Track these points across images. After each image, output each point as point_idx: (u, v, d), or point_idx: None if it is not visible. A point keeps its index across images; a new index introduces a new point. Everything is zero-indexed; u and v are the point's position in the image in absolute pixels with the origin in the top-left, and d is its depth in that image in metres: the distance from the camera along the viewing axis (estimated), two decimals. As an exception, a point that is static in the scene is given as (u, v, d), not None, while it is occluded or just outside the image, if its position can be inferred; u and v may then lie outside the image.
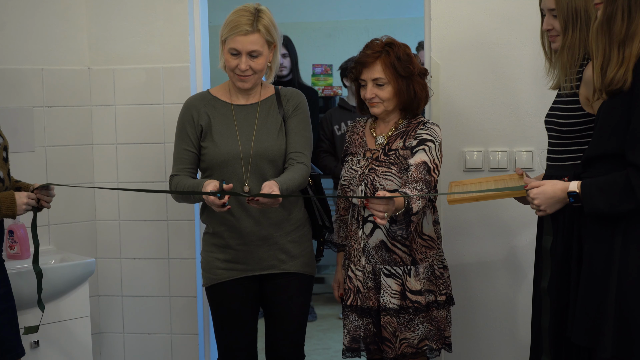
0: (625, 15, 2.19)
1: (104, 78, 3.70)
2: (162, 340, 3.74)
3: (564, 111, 2.61)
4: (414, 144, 2.88)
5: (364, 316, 2.92)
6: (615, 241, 2.24)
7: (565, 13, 2.54)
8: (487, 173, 3.38)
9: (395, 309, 2.86)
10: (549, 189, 2.36)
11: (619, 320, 2.22)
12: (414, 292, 2.88)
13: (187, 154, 2.92)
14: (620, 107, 2.21)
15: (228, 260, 2.92)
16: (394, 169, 2.87)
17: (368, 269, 2.91)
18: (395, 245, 2.89)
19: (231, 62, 2.86)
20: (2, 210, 2.67)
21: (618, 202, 2.20)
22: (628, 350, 2.22)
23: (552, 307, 2.56)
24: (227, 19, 2.87)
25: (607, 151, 2.26)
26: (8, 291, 2.83)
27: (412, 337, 2.88)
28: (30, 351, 3.16)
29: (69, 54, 3.66)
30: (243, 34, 2.81)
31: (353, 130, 3.07)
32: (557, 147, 2.65)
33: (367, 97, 2.91)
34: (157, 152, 3.68)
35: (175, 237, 3.70)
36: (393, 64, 2.87)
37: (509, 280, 3.43)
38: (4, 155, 2.80)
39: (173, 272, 3.72)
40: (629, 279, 2.21)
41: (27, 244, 3.33)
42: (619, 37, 2.20)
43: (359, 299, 2.92)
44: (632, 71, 2.17)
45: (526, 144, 3.37)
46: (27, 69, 3.54)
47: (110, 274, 3.76)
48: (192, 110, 2.94)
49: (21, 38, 3.52)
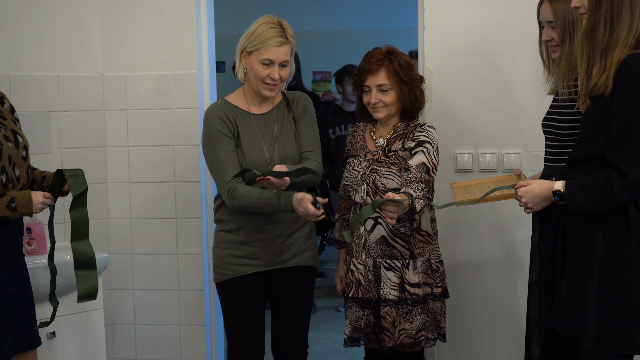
0: (607, 24, 2.19)
1: (116, 84, 3.70)
2: (172, 331, 3.74)
3: (562, 115, 2.62)
4: (412, 146, 2.90)
5: (364, 307, 2.94)
6: (597, 237, 2.25)
7: (562, 25, 2.55)
8: (477, 173, 3.38)
9: (394, 300, 2.88)
10: (536, 188, 2.36)
11: (600, 312, 2.24)
12: (412, 284, 2.89)
13: (233, 157, 2.80)
14: (602, 112, 2.21)
15: (243, 256, 2.89)
16: (394, 169, 2.89)
17: (369, 262, 2.92)
18: (395, 241, 2.90)
19: (262, 72, 2.79)
20: (19, 209, 2.66)
21: (599, 202, 2.21)
22: (609, 340, 2.23)
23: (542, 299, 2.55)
24: (253, 31, 2.80)
25: (590, 153, 2.27)
26: (27, 284, 2.84)
27: (411, 327, 2.89)
28: (47, 342, 3.17)
29: (83, 61, 3.66)
30: (278, 45, 2.78)
31: (354, 134, 3.08)
32: (555, 149, 2.66)
33: (372, 102, 2.92)
34: (167, 154, 3.67)
35: (183, 234, 3.70)
36: (396, 71, 2.90)
37: (505, 274, 3.42)
38: (24, 154, 2.79)
39: (182, 267, 3.71)
40: (610, 273, 2.23)
41: (44, 240, 3.32)
42: (601, 45, 2.20)
43: (360, 291, 2.93)
44: (612, 78, 2.17)
45: (514, 146, 3.36)
46: (44, 76, 3.54)
47: (123, 269, 3.76)
48: (220, 115, 2.85)
49: (38, 47, 3.52)
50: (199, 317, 3.70)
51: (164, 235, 3.72)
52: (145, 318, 3.76)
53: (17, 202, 2.65)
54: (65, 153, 3.58)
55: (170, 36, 3.63)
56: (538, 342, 2.53)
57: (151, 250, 3.73)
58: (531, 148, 3.32)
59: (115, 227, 3.75)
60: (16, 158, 2.74)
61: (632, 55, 2.16)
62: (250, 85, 2.89)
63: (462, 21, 3.36)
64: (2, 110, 2.81)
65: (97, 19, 3.68)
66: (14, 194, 2.66)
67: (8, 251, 2.75)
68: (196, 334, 3.71)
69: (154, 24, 3.64)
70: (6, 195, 2.64)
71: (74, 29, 3.62)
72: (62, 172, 2.78)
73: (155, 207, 3.71)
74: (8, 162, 2.69)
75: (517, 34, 3.27)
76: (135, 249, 3.75)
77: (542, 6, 2.64)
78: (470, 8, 3.35)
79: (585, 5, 2.23)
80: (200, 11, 3.65)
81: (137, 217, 3.73)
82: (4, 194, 2.64)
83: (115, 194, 3.74)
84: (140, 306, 3.76)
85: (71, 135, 3.61)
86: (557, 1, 2.56)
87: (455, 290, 3.40)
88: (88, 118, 3.67)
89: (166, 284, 3.73)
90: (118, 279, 3.76)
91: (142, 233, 3.74)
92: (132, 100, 3.70)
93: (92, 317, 3.37)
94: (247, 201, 2.76)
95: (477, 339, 3.46)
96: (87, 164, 3.59)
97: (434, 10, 3.37)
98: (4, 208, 2.63)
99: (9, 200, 2.64)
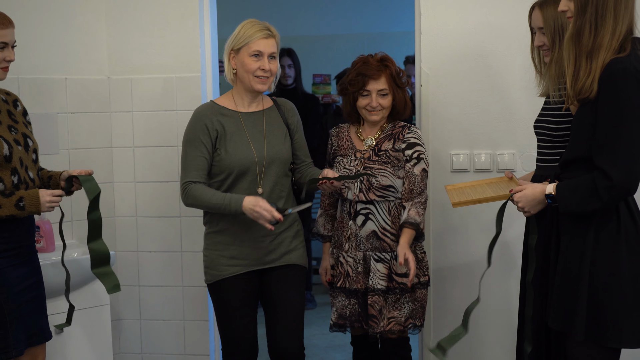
0: (592, 28, 2.21)
1: (122, 87, 3.70)
2: (176, 326, 3.75)
3: (554, 117, 2.63)
4: (403, 147, 2.99)
5: (351, 297, 3.01)
6: (588, 237, 2.28)
7: (552, 30, 2.56)
8: (473, 173, 3.39)
9: (382, 290, 2.95)
10: (530, 192, 2.39)
11: (591, 307, 2.25)
12: (400, 275, 2.96)
13: (201, 161, 2.85)
14: (589, 115, 2.23)
15: (233, 256, 2.89)
16: (388, 167, 2.97)
17: (359, 255, 2.98)
18: (385, 235, 2.97)
19: (252, 65, 2.83)
20: (27, 208, 2.67)
21: (586, 203, 2.23)
22: (599, 334, 2.25)
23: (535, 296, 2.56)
24: (239, 31, 2.86)
25: (581, 155, 2.29)
26: (39, 280, 2.86)
27: (399, 315, 2.97)
28: (56, 336, 3.18)
29: (90, 64, 3.66)
30: (265, 37, 2.83)
31: (338, 135, 3.14)
32: (547, 150, 2.67)
33: (372, 106, 2.98)
34: (171, 154, 3.67)
35: (187, 232, 3.70)
36: (393, 76, 2.99)
37: (498, 272, 3.41)
38: (33, 157, 2.80)
39: (185, 264, 3.72)
40: (600, 270, 2.25)
41: (52, 238, 3.33)
42: (586, 48, 2.22)
43: (347, 281, 3.00)
44: (597, 82, 2.19)
45: (508, 146, 3.37)
46: (52, 79, 3.54)
47: (128, 266, 3.76)
48: (204, 119, 2.88)
49: (47, 51, 3.53)
50: (202, 313, 3.71)
51: (168, 233, 3.72)
52: (150, 313, 3.77)
53: (25, 201, 2.66)
54: (73, 153, 3.59)
55: (174, 40, 3.64)
56: (530, 339, 2.55)
57: (156, 247, 3.74)
58: (524, 149, 3.33)
59: (121, 225, 3.76)
60: (27, 161, 2.75)
61: (615, 59, 2.18)
62: (241, 84, 2.90)
63: (458, 26, 3.37)
64: (15, 113, 2.82)
65: (104, 23, 3.69)
66: (23, 193, 2.67)
67: (22, 247, 2.76)
68: (199, 328, 3.72)
69: (159, 28, 3.65)
70: (15, 194, 2.65)
71: (81, 34, 3.63)
72: (75, 177, 2.82)
73: (160, 206, 3.71)
74: (20, 164, 2.70)
75: (510, 38, 3.29)
76: (140, 247, 3.75)
77: (533, 13, 2.65)
78: (465, 13, 3.36)
79: (571, 10, 2.25)
80: (204, 16, 3.65)
81: (142, 216, 3.74)
82: (13, 193, 2.65)
83: (121, 193, 3.74)
84: (146, 302, 3.77)
85: (78, 136, 3.62)
86: (547, 8, 2.57)
87: (450, 289, 3.42)
88: (95, 119, 3.68)
89: (170, 280, 3.73)
90: (124, 276, 3.75)
91: (148, 231, 3.74)
92: (137, 102, 3.70)
93: (100, 312, 3.38)
94: (199, 201, 2.82)
95: (472, 334, 3.46)
96: (94, 164, 3.59)
97: (431, 15, 3.38)
98: (13, 207, 2.64)
99: (17, 199, 2.65)
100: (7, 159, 2.66)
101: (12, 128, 2.75)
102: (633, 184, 2.20)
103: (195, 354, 3.73)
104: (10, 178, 2.67)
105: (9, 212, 2.64)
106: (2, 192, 2.64)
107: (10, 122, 2.76)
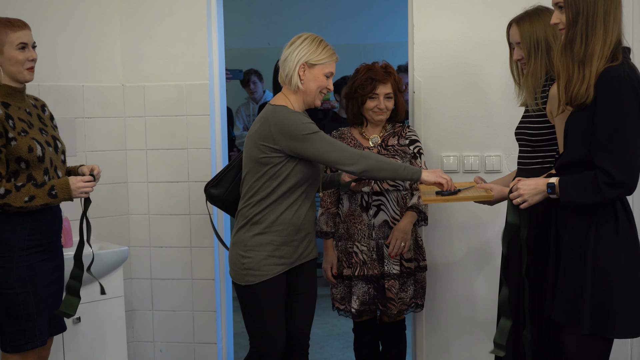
0: (583, 38, 2.22)
1: (135, 93, 3.73)
2: (185, 317, 3.77)
3: (533, 124, 2.65)
4: (407, 142, 3.18)
5: (369, 283, 3.14)
6: (590, 231, 2.26)
7: (528, 45, 2.58)
8: (462, 174, 3.41)
9: (397, 274, 3.11)
10: (532, 181, 2.35)
11: (595, 301, 2.23)
12: (407, 259, 3.15)
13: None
14: (586, 120, 2.23)
15: (282, 256, 2.78)
16: (397, 159, 3.14)
17: (372, 244, 3.13)
18: (395, 224, 3.14)
19: (325, 83, 2.79)
20: (59, 195, 2.67)
21: (588, 195, 2.21)
22: (603, 327, 2.24)
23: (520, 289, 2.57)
24: (319, 49, 2.77)
25: (578, 159, 2.28)
26: (62, 274, 2.88)
27: (406, 296, 3.15)
28: (72, 326, 3.20)
29: (105, 72, 3.69)
30: (336, 60, 2.83)
31: (342, 137, 3.26)
32: (527, 154, 2.69)
33: (380, 107, 3.15)
34: (181, 156, 3.69)
35: (196, 229, 3.71)
36: (396, 82, 3.17)
37: (478, 268, 3.47)
38: (62, 158, 2.83)
39: (195, 259, 3.73)
40: (603, 264, 2.24)
41: (70, 234, 3.35)
42: (578, 57, 2.22)
43: (365, 269, 3.13)
44: (593, 88, 2.19)
45: (495, 149, 3.41)
46: (70, 86, 3.56)
47: (141, 260, 3.78)
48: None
49: (66, 60, 3.55)
50: (210, 304, 3.73)
51: (178, 230, 3.73)
52: (161, 304, 3.79)
53: (57, 189, 2.67)
54: (90, 156, 3.60)
55: (185, 50, 3.66)
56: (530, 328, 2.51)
57: (167, 243, 3.75)
58: (510, 151, 3.35)
59: (135, 223, 3.77)
60: (57, 161, 2.78)
61: (609, 67, 2.19)
62: (302, 95, 2.80)
63: (448, 37, 3.40)
64: (44, 117, 2.85)
65: (119, 34, 3.71)
66: (54, 182, 2.68)
67: (50, 242, 2.79)
68: (208, 318, 3.73)
69: (170, 39, 3.67)
70: (47, 184, 2.67)
71: (98, 44, 3.65)
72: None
73: (171, 205, 3.73)
74: (50, 164, 2.73)
75: (495, 49, 3.30)
76: (152, 242, 3.77)
77: (510, 29, 2.66)
78: (455, 25, 3.39)
79: (563, 22, 2.27)
80: (212, 28, 3.67)
81: (154, 214, 3.76)
82: (44, 183, 2.67)
83: (135, 192, 3.75)
84: (157, 294, 3.79)
85: (95, 140, 3.63)
86: (523, 24, 2.59)
87: (439, 285, 3.46)
88: (110, 124, 3.70)
89: (180, 273, 3.75)
90: (137, 270, 3.78)
91: (159, 228, 3.75)
92: (150, 108, 3.72)
93: (114, 304, 3.38)
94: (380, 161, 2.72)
95: (457, 329, 3.54)
96: (109, 166, 3.61)
97: (423, 26, 3.41)
98: (46, 196, 2.65)
99: (49, 188, 2.66)
100: (40, 159, 2.69)
101: (43, 131, 2.78)
102: (634, 183, 2.20)
103: (203, 342, 3.74)
104: (43, 177, 2.70)
105: (43, 202, 2.64)
106: (34, 184, 2.65)
107: (41, 125, 2.79)
